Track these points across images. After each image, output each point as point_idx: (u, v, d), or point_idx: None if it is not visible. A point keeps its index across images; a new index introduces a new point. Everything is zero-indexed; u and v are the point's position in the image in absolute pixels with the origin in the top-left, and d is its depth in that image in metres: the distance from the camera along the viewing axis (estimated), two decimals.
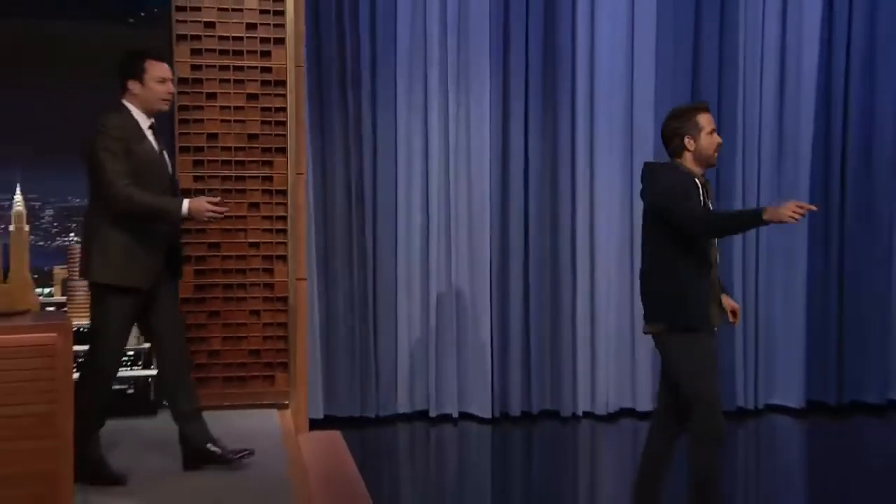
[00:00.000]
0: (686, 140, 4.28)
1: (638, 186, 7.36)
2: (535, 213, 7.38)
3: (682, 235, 4.22)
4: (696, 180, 4.27)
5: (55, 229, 6.44)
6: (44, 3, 6.08)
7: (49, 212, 6.43)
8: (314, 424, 6.58)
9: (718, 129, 7.45)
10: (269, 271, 6.31)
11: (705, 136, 4.27)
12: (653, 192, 4.35)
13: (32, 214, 6.15)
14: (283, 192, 6.31)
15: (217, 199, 4.54)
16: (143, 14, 6.29)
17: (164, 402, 5.26)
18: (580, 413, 7.37)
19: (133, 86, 4.61)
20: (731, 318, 4.50)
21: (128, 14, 6.25)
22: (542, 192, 7.39)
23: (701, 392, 4.25)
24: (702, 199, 4.27)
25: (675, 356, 4.30)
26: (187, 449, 4.78)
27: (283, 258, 6.34)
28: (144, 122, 4.63)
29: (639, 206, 7.24)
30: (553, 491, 5.83)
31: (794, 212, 3.93)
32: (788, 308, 7.65)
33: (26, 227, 5.85)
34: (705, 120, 4.28)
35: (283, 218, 6.29)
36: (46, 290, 6.28)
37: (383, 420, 7.16)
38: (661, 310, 4.33)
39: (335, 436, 6.27)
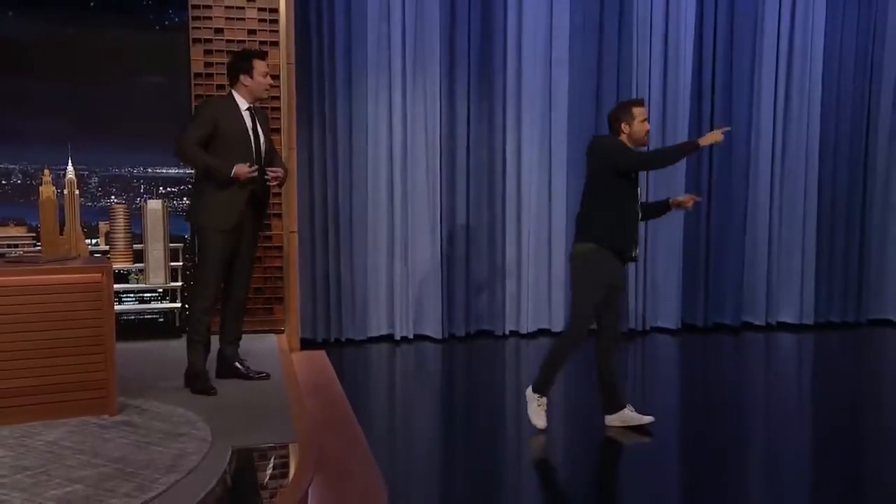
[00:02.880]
0: (623, 125, 4.41)
1: (559, 147, 7.41)
2: (475, 180, 7.38)
3: (618, 186, 4.37)
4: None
5: (99, 193, 6.37)
6: (92, 17, 5.98)
7: (94, 179, 6.35)
8: (304, 345, 6.58)
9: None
10: (268, 225, 6.32)
11: (637, 123, 4.40)
12: (603, 153, 4.41)
13: (81, 181, 6.08)
14: None
15: (254, 168, 4.55)
16: (167, 23, 6.21)
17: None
18: (507, 332, 7.45)
19: (244, 79, 4.68)
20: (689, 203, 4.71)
21: (155, 23, 6.17)
22: (480, 167, 7.38)
23: (587, 306, 4.44)
24: None
25: (583, 272, 4.43)
26: (222, 363, 4.91)
27: (279, 215, 6.34)
28: (244, 105, 4.68)
29: (557, 164, 7.45)
30: (491, 392, 5.92)
31: (721, 133, 4.40)
32: (668, 256, 7.74)
33: (77, 191, 5.83)
34: (638, 111, 4.42)
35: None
36: (93, 241, 6.23)
37: (358, 342, 7.13)
38: (591, 233, 4.42)
39: (320, 354, 6.30)
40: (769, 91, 7.85)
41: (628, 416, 4.58)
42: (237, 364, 4.90)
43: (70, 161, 5.88)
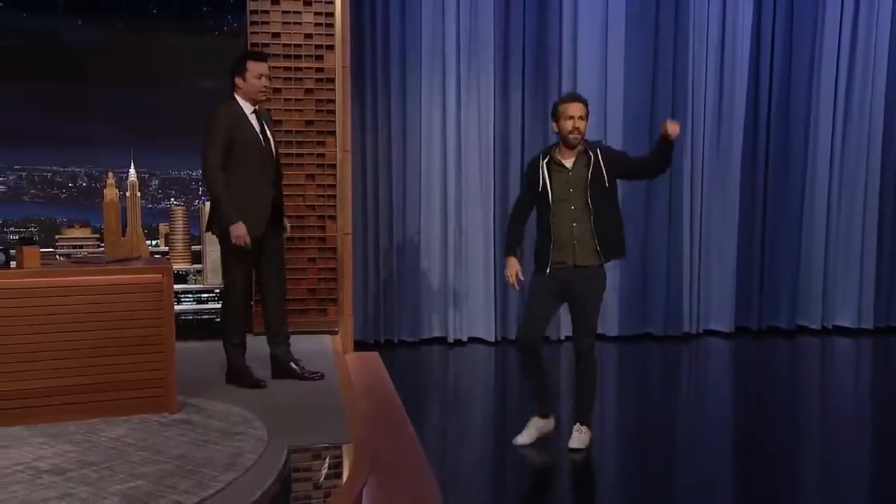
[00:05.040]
0: (553, 125, 4.26)
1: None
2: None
3: (537, 206, 4.32)
4: (540, 158, 4.29)
5: (159, 195, 6.48)
6: (154, 24, 6.10)
7: (155, 182, 6.47)
8: (357, 346, 6.61)
9: (673, 115, 7.46)
10: (322, 227, 6.37)
11: (563, 121, 4.18)
12: None
13: (143, 184, 6.21)
14: (333, 166, 6.36)
15: (247, 242, 4.49)
16: (225, 28, 6.29)
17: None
18: (562, 337, 7.35)
19: (238, 81, 4.57)
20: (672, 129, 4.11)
21: (214, 28, 6.26)
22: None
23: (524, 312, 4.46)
24: (541, 174, 4.24)
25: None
26: (276, 364, 4.91)
27: (333, 217, 6.39)
28: (248, 109, 4.60)
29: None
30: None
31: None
32: (722, 257, 7.65)
33: (138, 194, 5.95)
34: (563, 108, 4.18)
35: (333, 186, 6.34)
36: (154, 242, 6.35)
37: (410, 343, 7.17)
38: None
39: (374, 355, 6.31)
40: (829, 85, 7.66)
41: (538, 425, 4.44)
42: (291, 364, 4.93)
43: (132, 164, 6.01)
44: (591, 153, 4.21)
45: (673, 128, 3.98)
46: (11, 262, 3.95)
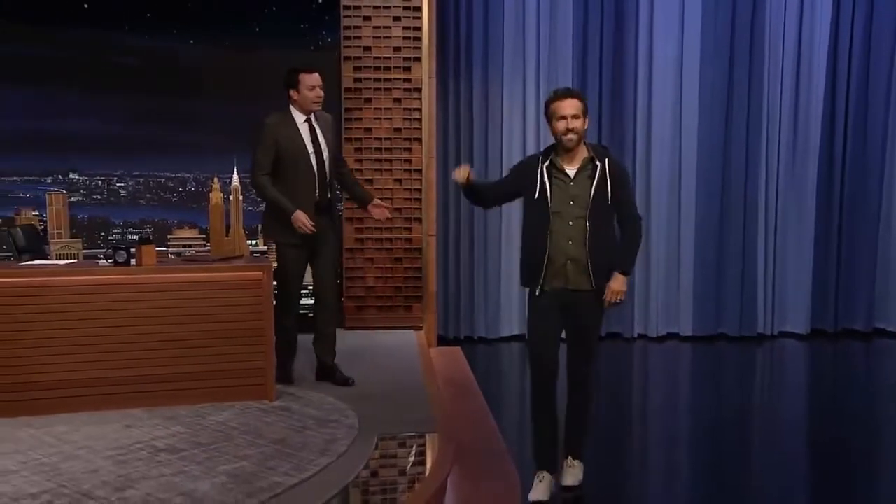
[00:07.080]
0: (549, 125, 3.58)
1: (689, 159, 7.16)
2: None
3: (528, 210, 3.66)
4: (539, 161, 3.59)
5: (259, 199, 6.66)
6: (255, 41, 6.30)
7: None
8: (440, 341, 6.69)
9: (748, 123, 7.28)
10: (409, 229, 6.46)
11: (555, 121, 3.50)
12: None
13: (244, 188, 6.39)
14: (419, 171, 6.45)
15: (311, 223, 4.41)
16: (321, 43, 6.44)
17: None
18: (636, 335, 7.33)
19: (292, 93, 4.55)
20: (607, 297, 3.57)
21: (310, 43, 6.42)
22: None
23: (529, 338, 3.82)
24: (539, 178, 3.54)
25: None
26: (319, 366, 4.82)
27: (419, 220, 6.48)
28: (300, 119, 4.56)
29: (686, 169, 7.27)
30: (618, 391, 5.83)
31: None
32: (799, 260, 7.43)
33: (240, 198, 6.14)
34: (554, 107, 3.49)
35: (419, 190, 6.44)
36: (254, 242, 6.53)
37: (490, 340, 7.19)
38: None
39: (456, 350, 6.38)
40: None
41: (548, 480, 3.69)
42: (331, 368, 4.79)
43: (235, 170, 6.21)
44: (597, 162, 3.55)
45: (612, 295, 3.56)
46: (132, 260, 4.15)
